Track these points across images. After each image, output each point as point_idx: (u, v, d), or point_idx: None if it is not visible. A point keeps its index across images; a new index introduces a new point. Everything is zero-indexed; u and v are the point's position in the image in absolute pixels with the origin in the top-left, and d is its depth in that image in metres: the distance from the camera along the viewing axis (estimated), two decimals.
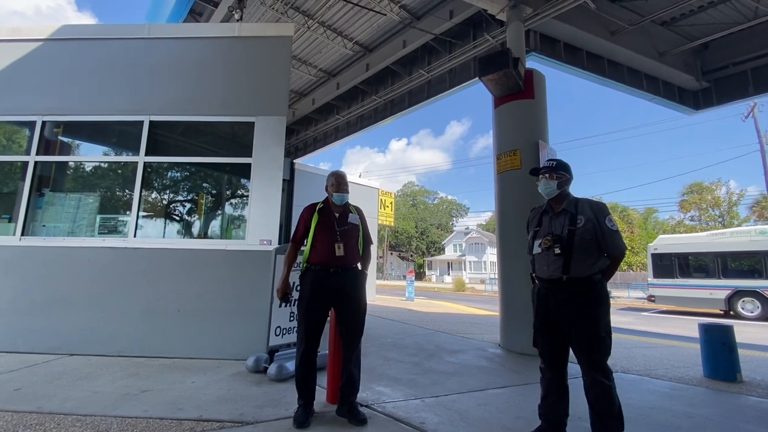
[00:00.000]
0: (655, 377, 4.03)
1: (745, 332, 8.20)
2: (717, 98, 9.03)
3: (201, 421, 2.54)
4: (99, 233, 4.55)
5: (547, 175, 2.41)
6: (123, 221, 4.55)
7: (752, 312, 11.65)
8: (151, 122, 4.69)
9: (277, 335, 3.74)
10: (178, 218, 5.31)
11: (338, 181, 2.83)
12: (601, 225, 2.24)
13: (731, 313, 12.06)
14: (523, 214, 5.08)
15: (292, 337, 3.85)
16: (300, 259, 2.86)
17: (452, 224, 60.45)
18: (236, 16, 6.30)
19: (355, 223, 2.84)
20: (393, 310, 10.30)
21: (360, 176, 23.62)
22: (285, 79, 4.82)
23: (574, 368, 2.30)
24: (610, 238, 2.23)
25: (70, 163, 5.16)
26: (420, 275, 49.06)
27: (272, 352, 3.66)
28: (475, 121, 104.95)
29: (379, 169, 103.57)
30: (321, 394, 2.92)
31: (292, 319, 3.86)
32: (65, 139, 5.15)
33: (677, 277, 13.26)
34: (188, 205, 5.32)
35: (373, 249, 3.06)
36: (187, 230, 5.26)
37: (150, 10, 8.25)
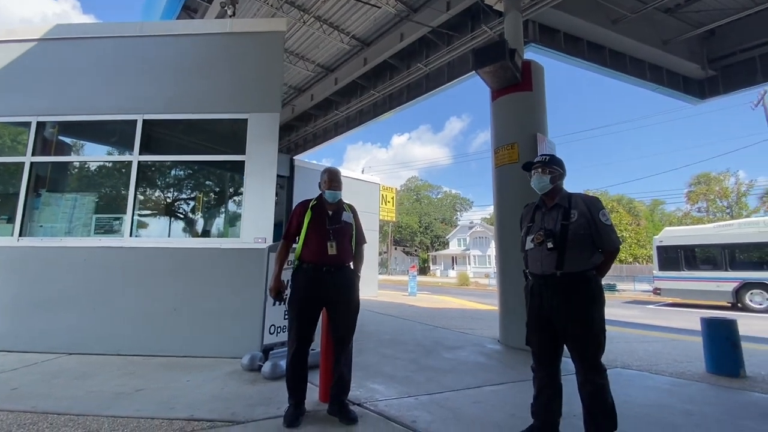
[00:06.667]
0: (656, 372, 3.96)
1: (753, 325, 8.08)
2: (724, 86, 8.84)
3: (192, 420, 2.53)
4: (95, 233, 4.56)
5: (539, 169, 2.36)
6: (119, 221, 4.55)
7: (761, 304, 11.48)
8: (144, 121, 4.67)
9: (271, 333, 3.72)
10: (173, 217, 5.30)
11: (330, 178, 2.78)
12: (595, 219, 2.18)
13: (739, 305, 11.90)
14: (522, 208, 5.02)
15: (286, 336, 3.83)
16: (292, 256, 2.83)
17: (456, 218, 60.30)
18: (228, 12, 6.24)
19: (348, 221, 2.79)
20: (394, 306, 10.29)
21: (363, 172, 23.59)
22: (278, 75, 4.77)
23: (568, 364, 2.25)
24: (603, 232, 2.18)
25: (66, 163, 5.16)
26: (424, 270, 49.07)
27: (267, 350, 3.65)
28: (474, 116, 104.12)
29: (381, 164, 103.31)
30: (314, 393, 2.90)
31: (286, 317, 3.84)
32: (63, 140, 5.15)
33: (683, 270, 13.11)
34: (183, 204, 5.32)
35: (374, 245, 3.02)
36: (182, 229, 5.26)
37: (144, 6, 8.21)
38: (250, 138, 4.53)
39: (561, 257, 2.17)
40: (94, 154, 5.23)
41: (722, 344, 3.92)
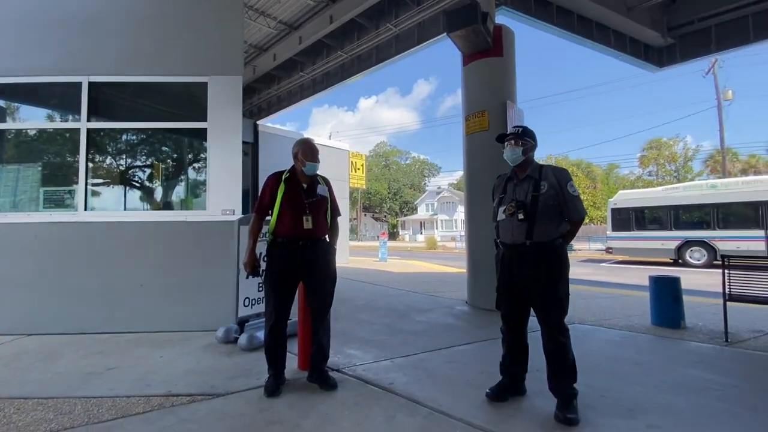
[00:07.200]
0: (608, 327, 4.34)
1: (690, 279, 8.90)
2: (681, 55, 9.15)
3: (170, 396, 2.52)
4: (44, 207, 4.22)
5: (512, 141, 2.39)
6: (70, 194, 4.23)
7: (699, 260, 12.64)
8: (90, 83, 4.24)
9: (246, 306, 3.70)
10: (132, 189, 4.98)
11: (312, 149, 2.69)
12: (563, 190, 2.27)
13: (680, 261, 13.05)
14: (491, 176, 5.08)
15: (262, 308, 3.82)
16: (265, 229, 2.76)
17: (424, 184, 60.87)
18: None
19: (323, 194, 2.74)
20: (366, 272, 10.47)
21: (330, 137, 22.99)
22: (238, 34, 4.43)
23: (534, 323, 2.39)
24: (571, 202, 2.27)
25: (3, 131, 4.65)
26: (394, 235, 49.82)
27: (242, 322, 3.64)
28: (442, 79, 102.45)
29: (348, 129, 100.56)
30: (292, 361, 2.95)
31: (260, 289, 3.82)
32: None
33: (633, 230, 14.10)
34: (142, 175, 5.00)
35: (344, 212, 3.01)
36: (143, 201, 4.97)
37: None
38: (212, 103, 4.25)
39: (531, 228, 2.26)
40: (36, 120, 4.73)
41: (666, 299, 4.33)
